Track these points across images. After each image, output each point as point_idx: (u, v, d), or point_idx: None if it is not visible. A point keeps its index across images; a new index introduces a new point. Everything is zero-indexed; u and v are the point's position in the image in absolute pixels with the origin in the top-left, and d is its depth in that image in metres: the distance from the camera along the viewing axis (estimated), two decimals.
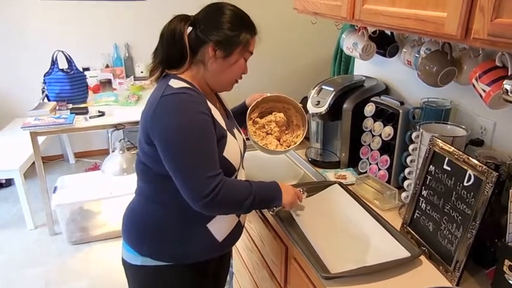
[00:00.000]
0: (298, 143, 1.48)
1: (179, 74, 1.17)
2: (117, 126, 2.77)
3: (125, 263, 1.29)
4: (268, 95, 1.49)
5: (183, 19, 1.16)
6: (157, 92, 1.14)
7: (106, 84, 3.36)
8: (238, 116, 1.44)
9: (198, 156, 1.08)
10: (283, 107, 1.52)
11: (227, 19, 1.15)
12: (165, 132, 1.08)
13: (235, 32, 1.15)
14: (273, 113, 1.50)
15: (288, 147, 1.48)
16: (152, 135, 1.11)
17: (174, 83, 1.13)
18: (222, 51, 1.15)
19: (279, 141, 1.49)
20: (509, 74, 1.11)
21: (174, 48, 1.16)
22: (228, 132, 1.19)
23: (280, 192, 1.25)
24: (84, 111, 2.88)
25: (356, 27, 1.75)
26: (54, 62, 3.00)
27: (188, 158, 1.07)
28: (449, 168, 1.17)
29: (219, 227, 1.23)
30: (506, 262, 0.99)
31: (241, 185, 1.18)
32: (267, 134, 1.49)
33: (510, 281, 0.98)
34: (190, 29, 1.17)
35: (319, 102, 1.67)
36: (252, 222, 1.64)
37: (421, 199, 1.26)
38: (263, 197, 1.20)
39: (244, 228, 1.39)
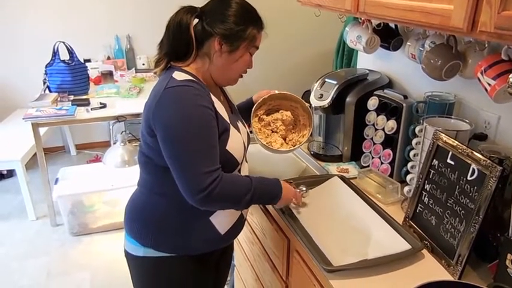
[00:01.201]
0: (303, 143, 1.45)
1: (184, 67, 1.17)
2: (118, 118, 2.77)
3: (127, 254, 1.29)
4: (276, 92, 1.46)
5: (189, 10, 1.15)
6: (160, 83, 1.14)
7: (107, 76, 3.36)
8: (244, 112, 1.43)
9: (197, 150, 1.07)
10: (290, 105, 1.49)
11: (233, 12, 1.14)
12: (166, 124, 1.08)
13: (242, 26, 1.14)
14: (280, 111, 1.47)
15: (293, 146, 1.46)
16: (154, 127, 1.11)
17: (178, 75, 1.13)
18: (227, 46, 1.14)
19: (285, 139, 1.47)
20: None
21: (180, 40, 1.15)
22: (231, 126, 1.18)
23: (280, 191, 1.24)
24: (86, 103, 2.88)
25: (360, 20, 1.73)
26: (55, 53, 3.00)
27: (186, 152, 1.07)
28: (452, 163, 1.16)
29: (222, 220, 1.23)
30: (509, 256, 0.99)
31: (240, 180, 1.17)
32: (272, 131, 1.46)
33: None
34: (196, 20, 1.15)
35: (322, 95, 1.67)
36: (253, 215, 1.64)
37: (424, 193, 1.25)
38: (263, 193, 1.20)
39: (245, 221, 1.39)
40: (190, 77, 1.13)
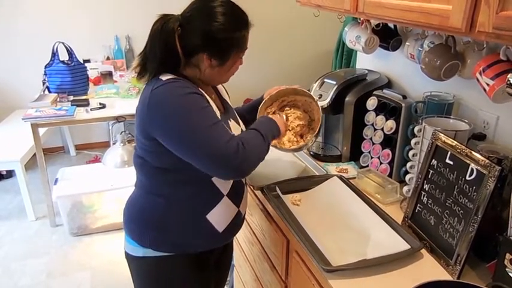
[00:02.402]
0: (310, 140, 1.42)
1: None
2: (118, 119, 2.77)
3: (127, 255, 1.29)
4: (283, 88, 1.43)
5: (174, 21, 1.11)
6: (148, 87, 1.12)
7: (107, 76, 3.36)
8: (255, 111, 1.42)
9: (207, 128, 1.06)
10: (305, 100, 1.46)
11: (220, 26, 1.09)
12: (165, 121, 1.06)
13: (231, 38, 1.11)
14: (288, 107, 1.43)
15: (299, 144, 1.42)
16: (152, 130, 1.10)
17: (164, 76, 1.11)
18: (217, 60, 1.13)
19: (302, 137, 1.44)
20: None
21: (166, 53, 1.11)
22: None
23: (274, 121, 1.28)
24: (85, 103, 2.88)
25: (359, 20, 1.74)
26: (54, 54, 3.00)
27: (199, 134, 1.05)
28: (451, 162, 1.16)
29: (219, 218, 1.23)
30: (508, 256, 1.00)
31: (251, 133, 1.18)
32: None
33: (511, 274, 0.98)
34: (179, 30, 1.11)
35: (321, 95, 1.67)
36: (253, 215, 1.64)
37: (423, 193, 1.26)
38: (268, 131, 1.22)
39: (245, 221, 1.39)
40: (176, 77, 1.12)
